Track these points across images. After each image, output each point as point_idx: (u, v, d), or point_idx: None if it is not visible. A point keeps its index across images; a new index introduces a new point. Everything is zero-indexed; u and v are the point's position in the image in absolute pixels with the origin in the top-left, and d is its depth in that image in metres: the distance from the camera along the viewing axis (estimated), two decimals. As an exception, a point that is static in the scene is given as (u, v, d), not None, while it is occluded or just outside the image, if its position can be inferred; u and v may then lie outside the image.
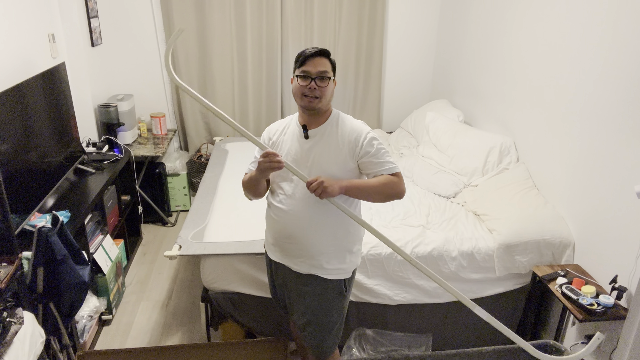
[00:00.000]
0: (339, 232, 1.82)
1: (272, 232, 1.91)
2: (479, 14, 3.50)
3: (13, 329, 1.67)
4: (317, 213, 1.77)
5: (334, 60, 1.78)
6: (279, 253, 1.90)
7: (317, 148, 1.76)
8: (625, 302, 2.06)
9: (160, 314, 2.91)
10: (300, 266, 1.85)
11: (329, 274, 1.83)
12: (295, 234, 1.81)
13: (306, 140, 1.77)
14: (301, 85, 1.71)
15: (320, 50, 1.72)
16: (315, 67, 1.70)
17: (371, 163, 1.75)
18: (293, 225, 1.81)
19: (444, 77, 4.18)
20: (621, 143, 2.11)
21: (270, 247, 1.96)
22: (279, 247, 1.90)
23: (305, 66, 1.71)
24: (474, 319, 2.57)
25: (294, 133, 1.82)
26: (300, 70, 1.72)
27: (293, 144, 1.80)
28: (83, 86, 3.41)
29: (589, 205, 2.31)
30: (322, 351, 1.95)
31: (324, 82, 1.70)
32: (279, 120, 1.93)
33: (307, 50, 1.72)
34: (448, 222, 2.66)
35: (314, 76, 1.69)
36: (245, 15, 3.91)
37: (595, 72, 2.28)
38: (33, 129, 2.44)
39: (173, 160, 4.03)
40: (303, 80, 1.71)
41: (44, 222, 2.14)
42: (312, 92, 1.70)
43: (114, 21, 3.83)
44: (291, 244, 1.84)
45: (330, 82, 1.73)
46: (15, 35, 2.57)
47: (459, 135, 3.26)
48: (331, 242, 1.81)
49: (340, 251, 1.83)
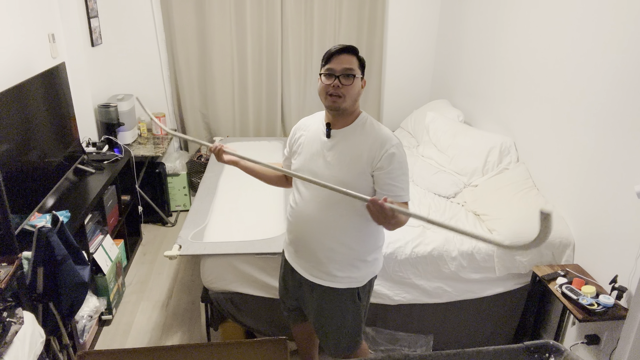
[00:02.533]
0: (351, 240, 1.75)
1: (288, 232, 1.89)
2: (479, 14, 3.50)
3: (13, 329, 1.67)
4: (329, 218, 1.71)
5: (362, 57, 1.68)
6: (293, 255, 1.88)
7: (337, 149, 1.68)
8: (625, 302, 2.06)
9: (160, 314, 2.91)
10: (311, 272, 1.82)
11: (338, 282, 1.78)
12: (306, 238, 1.78)
13: (328, 139, 1.70)
14: (325, 84, 1.64)
15: (345, 47, 1.64)
16: (340, 64, 1.61)
17: (382, 181, 1.64)
18: (304, 228, 1.78)
19: (444, 77, 4.18)
20: (621, 143, 2.11)
21: (287, 246, 1.94)
22: (293, 249, 1.87)
23: (330, 64, 1.63)
24: (474, 319, 2.58)
25: (317, 130, 1.76)
26: (325, 68, 1.65)
27: (315, 141, 1.74)
28: (83, 86, 3.41)
29: (589, 205, 2.31)
30: (339, 352, 1.93)
31: (349, 80, 1.61)
32: (310, 116, 1.87)
33: (333, 48, 1.65)
34: (448, 222, 2.65)
35: (338, 74, 1.61)
36: (245, 15, 3.91)
37: (596, 71, 2.28)
38: (33, 129, 2.44)
39: (173, 160, 4.03)
40: (327, 79, 1.63)
41: (44, 222, 2.13)
42: (336, 91, 1.61)
43: (114, 21, 3.83)
44: (303, 248, 1.81)
45: (356, 81, 1.63)
46: (15, 35, 2.57)
47: (459, 135, 3.26)
48: (342, 249, 1.74)
49: (352, 259, 1.77)
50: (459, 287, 2.46)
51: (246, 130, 4.27)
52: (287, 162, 1.91)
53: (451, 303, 2.50)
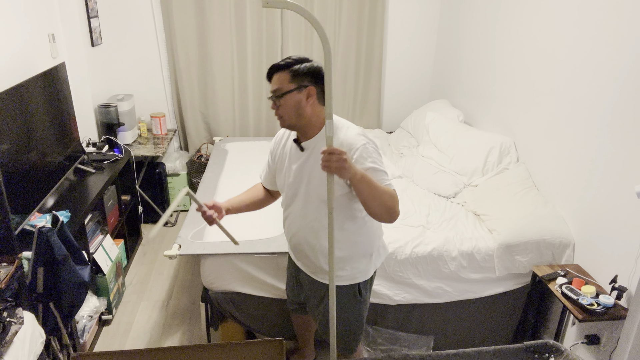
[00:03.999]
0: (347, 240, 1.76)
1: (287, 241, 1.94)
2: (479, 14, 3.50)
3: (13, 329, 1.67)
4: (323, 224, 1.72)
5: (299, 67, 1.59)
6: (294, 254, 1.95)
7: (311, 161, 1.68)
8: (625, 302, 2.06)
9: (160, 314, 2.92)
10: (314, 271, 1.87)
11: (340, 280, 1.82)
12: (300, 242, 1.83)
13: (302, 153, 1.70)
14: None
15: (272, 67, 1.61)
16: (271, 86, 1.62)
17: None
18: (296, 232, 1.83)
19: (444, 77, 4.18)
20: (621, 143, 2.11)
21: (289, 250, 2.00)
22: (294, 255, 1.94)
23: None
24: (474, 319, 2.58)
25: (291, 146, 1.75)
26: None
27: (291, 158, 1.75)
28: (83, 86, 3.41)
29: (589, 205, 2.31)
30: (340, 349, 1.97)
31: (279, 100, 1.59)
32: (281, 130, 1.85)
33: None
34: (448, 222, 2.66)
35: (270, 96, 1.63)
36: (245, 15, 3.91)
37: (595, 72, 2.28)
38: (33, 129, 2.44)
39: (173, 160, 4.03)
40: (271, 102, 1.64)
41: (44, 222, 2.14)
42: (276, 113, 1.62)
43: (114, 21, 3.83)
44: (300, 250, 1.86)
45: (288, 97, 1.58)
46: (15, 35, 2.57)
47: (459, 135, 3.26)
48: (340, 251, 1.76)
49: (346, 258, 1.79)
50: (459, 287, 2.46)
51: (246, 130, 4.27)
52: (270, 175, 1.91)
53: (451, 303, 2.50)
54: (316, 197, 1.69)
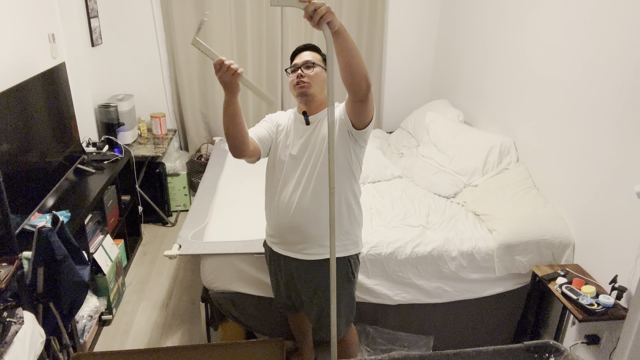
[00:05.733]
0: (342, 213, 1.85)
1: (273, 223, 1.94)
2: (479, 14, 3.50)
3: (13, 329, 1.67)
4: (314, 198, 1.81)
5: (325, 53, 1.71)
6: (282, 245, 1.94)
7: (317, 132, 1.82)
8: (625, 302, 2.06)
9: (160, 314, 2.92)
10: (303, 253, 1.89)
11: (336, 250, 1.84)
12: (295, 222, 1.85)
13: (307, 126, 1.85)
14: (292, 78, 1.84)
15: (306, 45, 1.89)
16: (301, 58, 1.84)
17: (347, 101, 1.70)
18: (292, 213, 1.85)
19: (444, 77, 4.18)
20: (621, 143, 2.11)
21: (270, 240, 1.99)
22: (280, 239, 1.93)
23: (294, 61, 1.87)
24: (474, 319, 2.58)
25: (296, 121, 1.90)
26: (291, 65, 1.88)
27: (297, 132, 1.88)
28: (83, 86, 3.41)
29: (589, 205, 2.31)
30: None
31: (310, 69, 1.81)
32: (282, 112, 2.02)
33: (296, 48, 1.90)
34: (448, 222, 2.66)
35: (300, 65, 1.82)
36: (245, 15, 3.91)
37: (596, 71, 2.28)
38: (33, 129, 2.44)
39: (173, 160, 4.03)
40: (293, 73, 1.84)
41: (44, 222, 2.13)
42: (301, 79, 1.80)
43: (114, 21, 3.83)
44: (293, 234, 1.88)
45: (318, 69, 1.82)
46: (15, 35, 2.57)
47: (459, 135, 3.26)
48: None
49: (341, 232, 1.87)
50: (459, 287, 2.46)
51: (246, 130, 4.26)
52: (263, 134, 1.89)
53: (451, 303, 2.50)
54: (324, 167, 1.78)
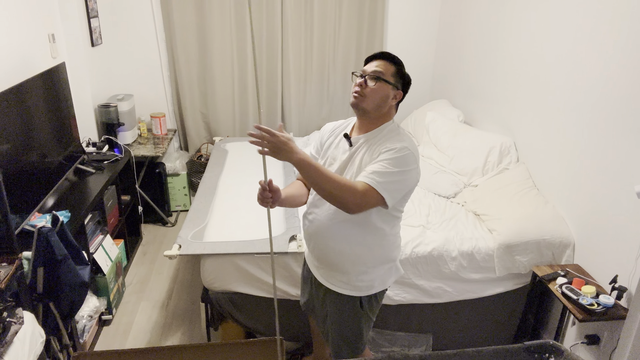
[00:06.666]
0: (358, 248, 1.73)
1: (306, 243, 1.92)
2: (479, 14, 3.50)
3: (13, 329, 1.67)
4: (337, 225, 1.71)
5: (404, 71, 1.67)
6: (308, 256, 1.95)
7: (356, 157, 1.67)
8: (625, 302, 2.06)
9: (160, 314, 2.91)
10: (320, 275, 1.86)
11: (341, 288, 1.80)
12: (317, 243, 1.81)
13: (349, 147, 1.70)
14: (354, 84, 1.66)
15: (382, 53, 1.67)
16: (372, 66, 1.64)
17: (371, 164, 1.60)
18: (314, 233, 1.80)
19: (444, 77, 4.18)
20: (621, 143, 2.11)
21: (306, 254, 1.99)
22: (309, 252, 1.93)
23: (365, 66, 1.67)
24: (474, 319, 2.58)
25: (342, 138, 1.76)
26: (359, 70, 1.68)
27: (338, 149, 1.75)
28: (83, 86, 3.41)
29: (589, 205, 2.31)
30: (340, 357, 1.95)
31: (374, 81, 1.61)
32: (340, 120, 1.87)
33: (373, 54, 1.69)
34: (448, 222, 2.66)
35: (366, 74, 1.63)
36: (245, 15, 3.91)
37: (596, 71, 2.28)
38: (33, 129, 2.44)
39: (173, 160, 4.03)
40: (357, 79, 1.66)
41: (44, 222, 2.13)
42: (359, 90, 1.62)
43: (114, 21, 3.83)
44: (314, 251, 1.85)
45: (382, 85, 1.61)
46: (15, 35, 2.57)
47: (459, 135, 3.26)
48: (347, 256, 1.74)
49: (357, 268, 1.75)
50: (459, 287, 2.46)
51: (246, 130, 4.26)
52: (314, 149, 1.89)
53: (451, 303, 2.50)
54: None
